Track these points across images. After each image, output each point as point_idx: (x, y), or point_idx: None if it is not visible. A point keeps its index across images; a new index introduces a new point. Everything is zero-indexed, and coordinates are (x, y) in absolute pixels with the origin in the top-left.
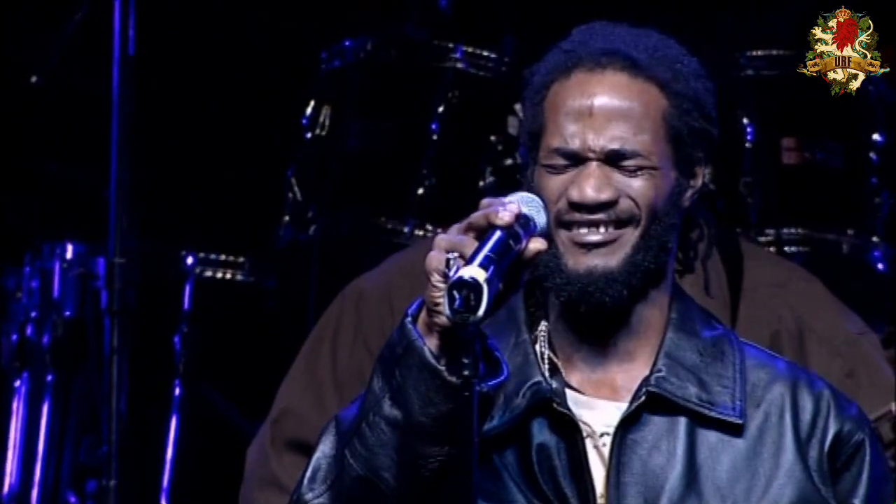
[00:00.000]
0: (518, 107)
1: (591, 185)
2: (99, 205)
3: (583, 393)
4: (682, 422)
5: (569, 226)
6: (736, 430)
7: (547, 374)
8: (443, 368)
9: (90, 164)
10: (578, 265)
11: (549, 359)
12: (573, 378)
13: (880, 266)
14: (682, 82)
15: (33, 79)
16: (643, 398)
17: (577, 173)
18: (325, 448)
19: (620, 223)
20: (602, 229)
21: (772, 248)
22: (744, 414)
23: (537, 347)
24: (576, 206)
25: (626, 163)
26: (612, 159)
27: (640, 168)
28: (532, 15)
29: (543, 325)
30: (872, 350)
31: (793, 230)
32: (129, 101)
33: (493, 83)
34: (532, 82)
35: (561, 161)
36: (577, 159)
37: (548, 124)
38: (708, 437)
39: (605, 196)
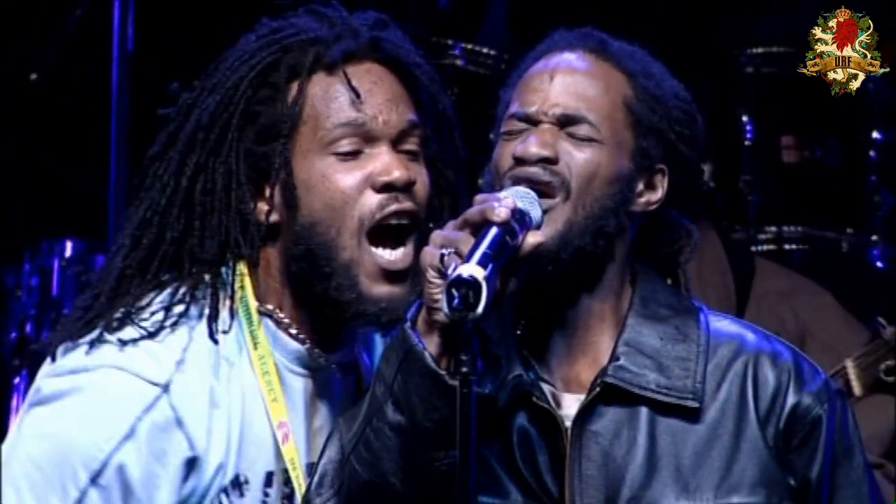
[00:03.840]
0: None
1: (534, 141)
2: (98, 202)
3: (554, 386)
4: (643, 410)
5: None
6: (696, 414)
7: (525, 368)
8: (443, 373)
9: (90, 162)
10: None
11: (526, 354)
12: (545, 372)
13: (879, 264)
14: (653, 82)
15: (33, 76)
16: (598, 389)
17: (527, 134)
18: (331, 453)
19: (550, 188)
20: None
21: (771, 246)
22: (702, 397)
23: (518, 342)
24: (518, 161)
25: (574, 129)
26: (563, 123)
27: (589, 139)
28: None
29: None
30: None
31: (792, 228)
32: (128, 98)
33: (492, 80)
34: (512, 75)
35: (518, 125)
36: (531, 122)
37: (513, 98)
38: (669, 424)
39: (545, 152)
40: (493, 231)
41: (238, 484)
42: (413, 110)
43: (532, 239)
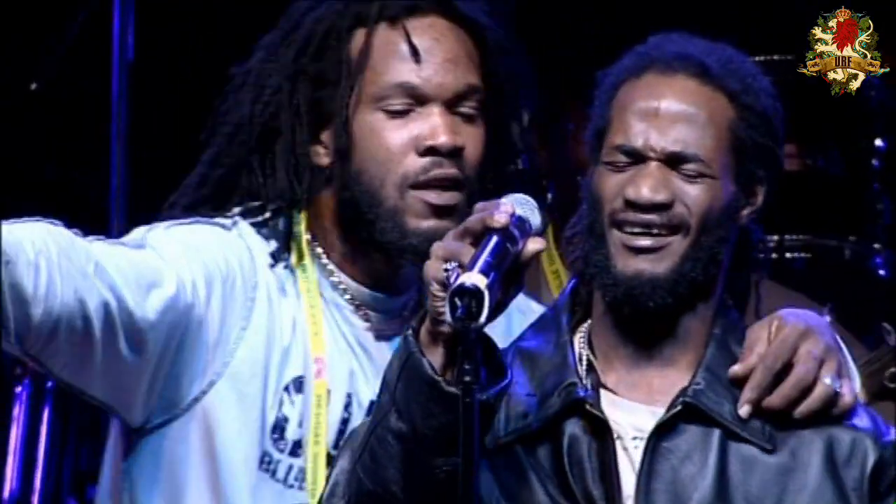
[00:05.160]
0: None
1: (647, 185)
2: (99, 212)
3: (617, 394)
4: (716, 434)
5: (621, 226)
6: (768, 449)
7: (584, 374)
8: (440, 379)
9: (90, 172)
10: (626, 268)
11: (588, 359)
12: (609, 378)
13: (882, 272)
14: (752, 96)
15: (33, 85)
16: (679, 407)
17: (635, 172)
18: (343, 463)
19: (671, 229)
20: (652, 235)
21: (773, 255)
22: (774, 438)
23: (576, 347)
24: (630, 205)
25: (686, 167)
26: (673, 162)
27: (700, 175)
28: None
29: (585, 326)
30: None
31: (794, 236)
32: (128, 107)
33: None
34: (604, 82)
35: (622, 159)
36: (637, 157)
37: (613, 122)
38: (741, 451)
39: (660, 197)
40: (494, 239)
41: (299, 386)
42: (473, 71)
43: (532, 245)
